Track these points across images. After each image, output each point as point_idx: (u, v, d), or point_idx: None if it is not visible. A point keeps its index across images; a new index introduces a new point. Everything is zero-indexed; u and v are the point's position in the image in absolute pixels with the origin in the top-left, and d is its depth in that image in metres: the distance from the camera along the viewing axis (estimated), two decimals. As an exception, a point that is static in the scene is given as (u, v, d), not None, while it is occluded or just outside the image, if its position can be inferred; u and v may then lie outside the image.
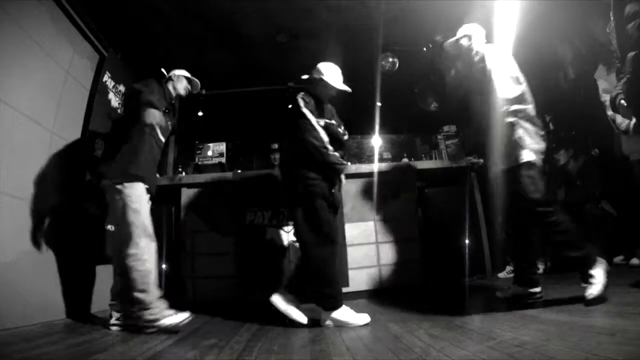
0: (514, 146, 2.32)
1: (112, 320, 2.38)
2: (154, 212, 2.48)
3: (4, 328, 2.20)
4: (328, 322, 2.27)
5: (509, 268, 3.93)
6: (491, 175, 2.48)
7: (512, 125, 2.33)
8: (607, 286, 2.06)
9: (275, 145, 5.09)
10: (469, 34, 2.59)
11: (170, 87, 2.76)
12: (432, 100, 5.19)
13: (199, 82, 2.89)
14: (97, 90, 3.39)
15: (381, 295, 3.39)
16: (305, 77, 2.69)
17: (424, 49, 4.84)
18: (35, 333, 2.24)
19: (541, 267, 3.88)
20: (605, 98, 3.04)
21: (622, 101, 2.65)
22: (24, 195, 2.54)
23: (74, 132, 3.16)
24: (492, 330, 1.72)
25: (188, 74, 2.84)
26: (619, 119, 3.09)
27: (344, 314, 2.26)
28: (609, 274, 2.12)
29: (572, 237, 2.20)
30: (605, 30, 2.68)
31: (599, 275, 2.09)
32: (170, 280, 3.56)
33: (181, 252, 3.53)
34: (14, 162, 2.45)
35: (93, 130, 3.27)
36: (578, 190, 3.70)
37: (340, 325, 2.23)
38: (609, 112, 3.11)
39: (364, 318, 2.24)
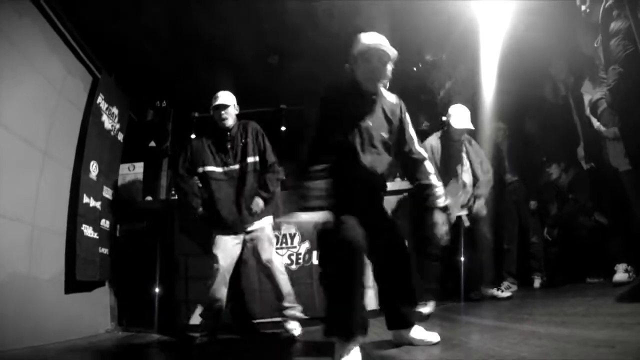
0: None
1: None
2: (148, 235, 2.37)
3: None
4: None
5: (505, 284, 3.88)
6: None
7: None
8: None
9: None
10: None
11: None
12: (423, 120, 5.25)
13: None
14: (92, 112, 3.38)
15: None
16: None
17: (414, 68, 4.91)
18: (24, 357, 2.20)
19: (537, 282, 3.86)
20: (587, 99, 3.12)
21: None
22: (14, 216, 2.50)
23: (67, 154, 3.14)
24: (491, 348, 1.69)
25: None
26: (596, 123, 3.12)
27: None
28: None
29: None
30: (591, 45, 2.79)
31: None
32: (164, 304, 3.51)
33: (174, 275, 3.49)
34: (4, 182, 2.43)
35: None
36: (570, 204, 3.72)
37: None
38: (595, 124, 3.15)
39: None
